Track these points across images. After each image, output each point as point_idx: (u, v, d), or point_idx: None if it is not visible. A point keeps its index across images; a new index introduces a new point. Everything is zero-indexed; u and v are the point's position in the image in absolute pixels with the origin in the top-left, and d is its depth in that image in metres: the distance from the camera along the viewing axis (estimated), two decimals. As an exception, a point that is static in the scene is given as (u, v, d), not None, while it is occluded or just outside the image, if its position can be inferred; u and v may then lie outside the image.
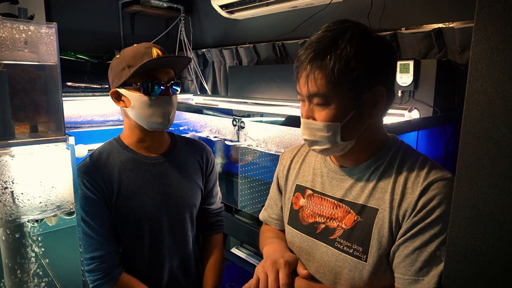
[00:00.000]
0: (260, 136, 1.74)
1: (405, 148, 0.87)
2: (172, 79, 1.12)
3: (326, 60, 0.76)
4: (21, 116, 0.84)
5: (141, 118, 1.10)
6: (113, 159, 1.14)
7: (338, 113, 0.79)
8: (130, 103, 1.09)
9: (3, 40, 0.78)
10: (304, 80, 0.80)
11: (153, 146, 1.19)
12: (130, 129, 1.17)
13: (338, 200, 0.88)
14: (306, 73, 0.79)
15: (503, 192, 0.56)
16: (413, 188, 0.79)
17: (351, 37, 0.76)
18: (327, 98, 0.78)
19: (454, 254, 0.64)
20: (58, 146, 0.84)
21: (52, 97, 0.88)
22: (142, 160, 1.16)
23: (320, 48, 0.77)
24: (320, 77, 0.77)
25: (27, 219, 0.85)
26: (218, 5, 2.42)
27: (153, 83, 1.06)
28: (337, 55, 0.75)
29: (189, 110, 2.17)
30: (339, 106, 0.79)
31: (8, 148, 0.78)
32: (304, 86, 0.81)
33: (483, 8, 0.54)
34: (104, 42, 2.86)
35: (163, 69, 1.09)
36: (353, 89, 0.78)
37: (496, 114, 0.55)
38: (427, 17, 1.72)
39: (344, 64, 0.75)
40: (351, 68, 0.76)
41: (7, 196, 0.80)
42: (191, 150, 1.28)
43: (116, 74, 1.10)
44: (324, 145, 0.83)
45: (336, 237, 0.86)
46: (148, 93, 1.06)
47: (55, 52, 0.84)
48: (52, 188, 0.86)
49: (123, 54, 1.09)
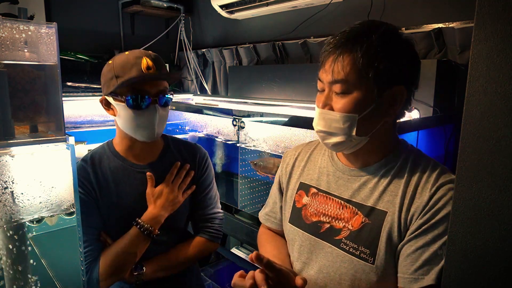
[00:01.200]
0: (260, 136, 1.74)
1: (416, 152, 0.88)
2: (162, 91, 1.08)
3: (356, 47, 0.76)
4: (21, 116, 0.84)
5: (127, 129, 1.10)
6: (103, 164, 1.14)
7: (358, 103, 0.79)
8: (117, 113, 1.08)
9: (3, 40, 0.78)
10: (330, 64, 0.80)
11: (143, 154, 1.17)
12: (120, 136, 1.16)
13: (345, 201, 0.87)
14: (334, 57, 0.79)
15: (503, 192, 0.56)
16: (422, 192, 0.79)
17: (384, 32, 0.78)
18: (349, 85, 0.78)
19: (454, 254, 0.64)
20: (58, 146, 0.84)
21: (52, 97, 0.87)
22: (131, 168, 1.15)
23: (352, 35, 0.78)
24: (347, 62, 0.77)
25: (27, 219, 0.85)
26: (218, 5, 2.41)
27: (138, 97, 1.03)
28: (368, 44, 0.76)
29: (189, 110, 2.16)
30: (360, 96, 0.78)
31: (8, 148, 0.78)
32: (328, 71, 0.80)
33: (483, 8, 0.54)
34: (104, 42, 2.86)
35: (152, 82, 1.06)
36: (377, 82, 0.77)
37: (496, 114, 0.55)
38: (427, 17, 1.72)
39: (373, 55, 0.76)
40: (379, 61, 0.76)
41: (7, 196, 0.80)
42: (182, 154, 1.25)
43: (105, 82, 1.08)
44: (338, 137, 0.82)
45: (342, 238, 0.85)
46: (132, 106, 1.04)
47: (55, 52, 0.84)
48: (52, 188, 0.86)
49: (113, 62, 1.07)
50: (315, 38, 2.13)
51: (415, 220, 0.78)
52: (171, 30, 3.04)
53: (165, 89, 1.10)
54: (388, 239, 0.79)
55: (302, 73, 2.16)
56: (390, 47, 0.77)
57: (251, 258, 0.73)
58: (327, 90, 0.82)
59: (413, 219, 0.78)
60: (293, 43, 2.24)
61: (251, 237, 1.73)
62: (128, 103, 1.04)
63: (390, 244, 0.79)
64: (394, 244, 0.79)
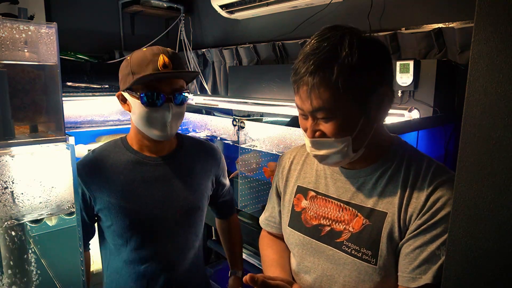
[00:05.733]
0: (260, 136, 1.74)
1: (410, 150, 0.87)
2: (177, 89, 1.07)
3: (328, 73, 0.72)
4: (21, 116, 0.84)
5: (140, 126, 1.10)
6: (114, 157, 1.14)
7: (347, 124, 0.77)
8: (132, 109, 1.09)
9: (3, 40, 0.78)
10: (306, 95, 0.76)
11: (157, 148, 1.17)
12: (134, 132, 1.16)
13: (345, 203, 0.87)
14: (308, 88, 0.74)
15: (503, 192, 0.56)
16: (419, 192, 0.79)
17: (350, 44, 0.73)
18: (333, 111, 0.75)
19: (454, 254, 0.64)
20: (58, 146, 0.84)
21: (52, 97, 0.88)
22: (144, 161, 1.15)
23: (321, 59, 0.73)
24: (323, 91, 0.73)
25: (27, 219, 0.85)
26: (218, 5, 2.42)
27: (153, 94, 1.03)
28: (340, 65, 0.72)
29: (189, 110, 2.17)
30: (347, 117, 0.76)
31: (8, 148, 0.78)
32: (306, 102, 0.76)
33: (483, 8, 0.54)
34: (104, 42, 2.86)
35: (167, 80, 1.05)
36: (360, 97, 0.75)
37: (496, 114, 0.55)
38: (427, 17, 1.72)
39: (349, 75, 0.72)
40: (356, 77, 0.73)
41: (7, 196, 0.80)
42: (199, 152, 1.26)
43: (122, 77, 1.09)
44: (336, 159, 0.81)
45: (343, 240, 0.85)
46: (146, 104, 1.04)
47: (55, 52, 0.84)
48: (52, 188, 0.86)
49: (130, 58, 1.07)
50: (315, 38, 2.13)
51: (413, 220, 0.78)
52: (171, 30, 3.04)
53: (181, 87, 1.09)
54: (389, 240, 0.79)
55: (302, 73, 2.15)
56: (363, 57, 0.73)
57: (245, 280, 0.75)
58: (310, 118, 0.79)
59: (411, 220, 0.78)
60: (293, 43, 2.24)
61: (251, 237, 1.73)
62: (142, 100, 1.03)
63: (391, 244, 0.79)
64: (395, 244, 0.79)
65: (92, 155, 1.15)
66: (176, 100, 1.07)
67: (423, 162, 0.82)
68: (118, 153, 1.15)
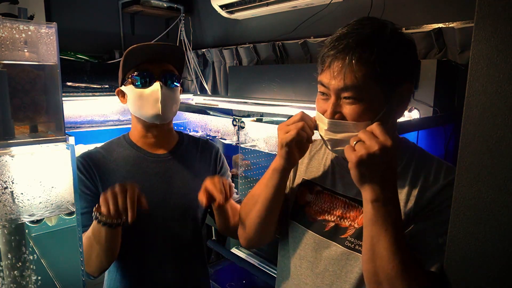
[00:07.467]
0: (260, 136, 1.74)
1: (419, 151, 0.88)
2: (167, 72, 1.12)
3: (368, 51, 0.72)
4: (21, 116, 0.84)
5: (135, 110, 1.14)
6: (117, 153, 1.17)
7: (371, 110, 0.76)
8: (127, 97, 1.14)
9: (3, 40, 0.78)
10: (338, 71, 0.74)
11: (158, 143, 1.20)
12: (133, 125, 1.20)
13: (351, 199, 0.87)
14: (343, 63, 0.73)
15: (503, 192, 0.56)
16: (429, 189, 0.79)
17: (392, 32, 0.75)
18: (362, 92, 0.74)
19: (454, 254, 0.64)
20: (58, 146, 0.84)
21: (52, 97, 0.87)
22: (145, 157, 1.17)
23: (362, 37, 0.73)
24: (359, 68, 0.73)
25: (27, 219, 0.85)
26: (218, 5, 2.41)
27: (142, 74, 1.09)
28: (380, 48, 0.73)
29: (189, 110, 2.17)
30: (372, 102, 0.76)
31: (8, 148, 0.78)
32: (337, 78, 0.75)
33: (483, 8, 0.54)
34: (104, 42, 2.86)
35: (157, 63, 1.11)
36: (388, 86, 0.76)
37: (496, 114, 0.55)
38: (427, 17, 1.72)
39: (386, 60, 0.73)
40: (392, 64, 0.74)
41: (7, 196, 0.80)
42: (200, 150, 1.28)
43: (119, 74, 1.16)
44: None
45: (347, 236, 0.86)
46: (136, 84, 1.10)
47: (55, 52, 0.84)
48: (52, 188, 0.86)
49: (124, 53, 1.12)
50: (315, 38, 2.13)
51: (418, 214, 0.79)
52: (171, 30, 3.04)
53: (171, 71, 1.14)
54: None
55: (302, 73, 2.16)
56: (400, 47, 0.76)
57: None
58: (334, 97, 0.77)
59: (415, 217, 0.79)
60: (293, 43, 2.24)
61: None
62: (134, 83, 1.10)
63: None
64: None
65: (96, 149, 1.18)
66: (166, 81, 1.12)
67: (433, 163, 0.83)
68: (121, 149, 1.18)
